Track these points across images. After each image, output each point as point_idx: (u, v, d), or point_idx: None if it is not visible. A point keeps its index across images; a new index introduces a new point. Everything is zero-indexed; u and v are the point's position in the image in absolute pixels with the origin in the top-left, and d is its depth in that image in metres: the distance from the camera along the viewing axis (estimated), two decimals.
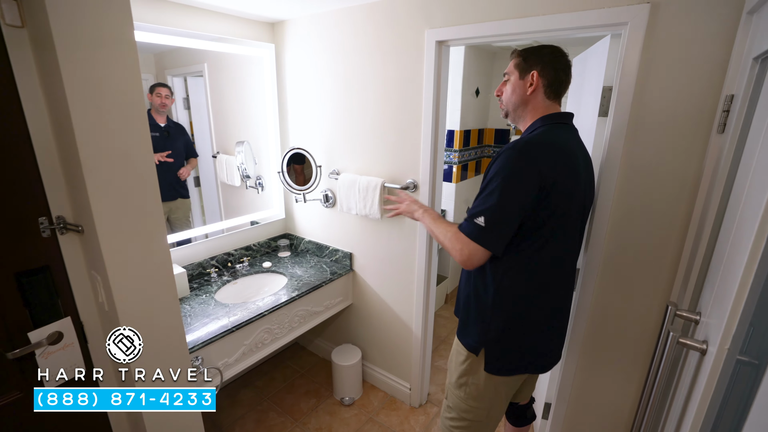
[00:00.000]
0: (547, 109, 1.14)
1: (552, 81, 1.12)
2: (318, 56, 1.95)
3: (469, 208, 1.11)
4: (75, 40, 0.88)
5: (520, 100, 1.16)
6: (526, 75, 1.13)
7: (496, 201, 0.99)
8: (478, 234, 1.02)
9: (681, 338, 0.75)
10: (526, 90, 1.14)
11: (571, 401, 1.61)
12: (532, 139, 1.05)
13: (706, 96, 1.09)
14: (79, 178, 0.96)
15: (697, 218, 1.14)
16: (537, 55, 1.12)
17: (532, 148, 1.02)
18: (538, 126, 1.12)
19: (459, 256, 1.06)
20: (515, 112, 1.18)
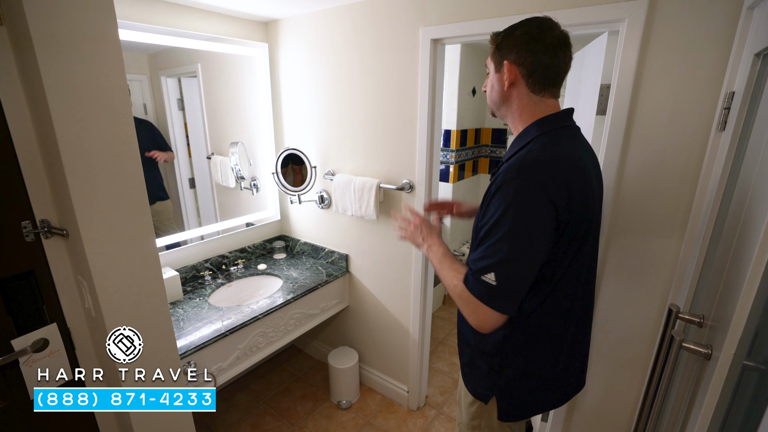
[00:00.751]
0: (536, 106, 0.90)
1: (533, 68, 0.86)
2: (312, 55, 1.92)
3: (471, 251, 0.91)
4: (54, 37, 0.85)
5: (499, 98, 0.93)
6: (501, 66, 0.90)
7: (507, 252, 0.79)
8: (490, 296, 0.81)
9: (684, 342, 0.73)
10: (504, 85, 0.90)
11: (570, 404, 1.59)
12: (536, 159, 0.82)
13: (705, 93, 1.07)
14: (62, 181, 0.93)
15: (697, 218, 1.12)
16: (508, 38, 0.88)
17: (539, 173, 0.80)
18: (533, 135, 0.88)
19: (471, 320, 0.86)
20: (499, 111, 0.97)
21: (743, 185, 0.80)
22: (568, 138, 0.89)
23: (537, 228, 0.80)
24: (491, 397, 1.01)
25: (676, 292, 1.20)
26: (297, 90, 2.05)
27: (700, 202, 1.10)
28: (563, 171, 0.82)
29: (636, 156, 1.23)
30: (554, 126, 0.89)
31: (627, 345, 1.39)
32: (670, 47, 1.11)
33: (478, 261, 0.83)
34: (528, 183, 0.79)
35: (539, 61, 0.86)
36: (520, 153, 0.87)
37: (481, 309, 0.82)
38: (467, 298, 0.84)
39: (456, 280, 0.88)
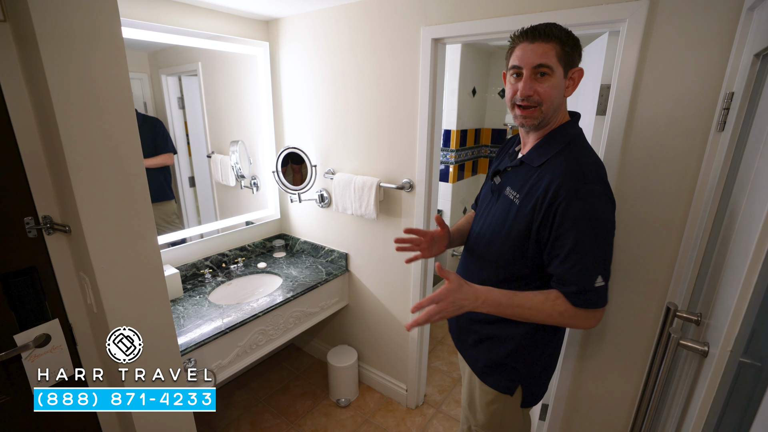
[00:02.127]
0: (564, 113, 0.96)
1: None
2: (312, 54, 1.93)
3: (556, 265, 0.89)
4: (58, 34, 0.86)
5: (558, 105, 0.91)
6: (570, 71, 0.88)
7: (604, 252, 0.86)
8: (602, 297, 0.87)
9: (682, 340, 0.74)
10: (564, 91, 0.91)
11: (568, 402, 1.59)
12: (596, 164, 0.89)
13: (705, 94, 1.08)
14: (64, 177, 0.93)
15: (696, 217, 1.13)
16: (576, 44, 0.88)
17: (603, 177, 0.87)
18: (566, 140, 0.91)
19: (591, 325, 0.90)
20: (548, 117, 0.92)
21: (741, 185, 0.81)
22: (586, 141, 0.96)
23: (613, 225, 0.88)
24: (517, 388, 1.04)
25: (674, 291, 1.21)
26: (298, 89, 2.05)
27: (699, 202, 1.10)
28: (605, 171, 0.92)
29: (635, 156, 1.24)
30: (578, 131, 0.95)
31: (625, 343, 1.39)
32: (670, 48, 1.11)
33: (583, 273, 0.85)
34: (597, 185, 0.85)
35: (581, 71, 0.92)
36: (566, 157, 0.89)
37: (598, 313, 0.89)
38: (584, 313, 0.88)
39: (556, 310, 0.88)
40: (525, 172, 0.96)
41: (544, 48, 0.86)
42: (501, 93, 3.16)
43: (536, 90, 0.88)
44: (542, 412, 1.77)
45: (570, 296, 0.87)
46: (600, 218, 0.84)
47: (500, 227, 0.98)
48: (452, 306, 0.90)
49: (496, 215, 1.01)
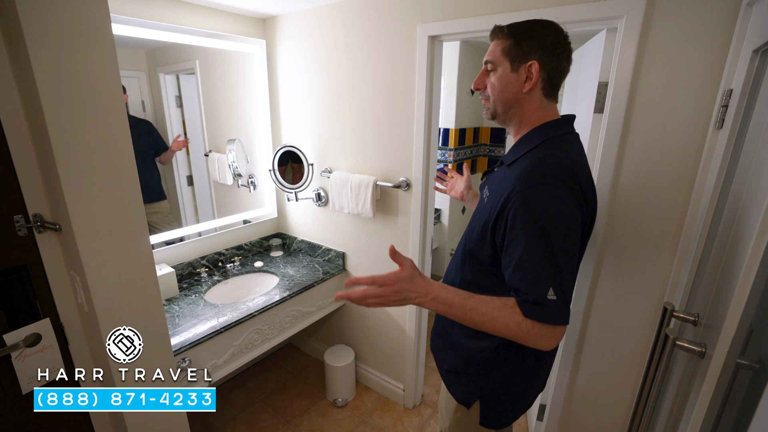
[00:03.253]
0: (545, 111, 0.88)
1: (553, 73, 0.85)
2: (309, 52, 1.91)
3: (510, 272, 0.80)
4: (46, 31, 0.85)
5: (512, 99, 0.87)
6: (522, 66, 0.84)
7: (552, 262, 0.75)
8: (555, 314, 0.75)
9: (678, 340, 0.72)
10: (521, 86, 0.85)
11: (566, 403, 1.58)
12: (560, 164, 0.79)
13: (704, 91, 1.07)
14: (54, 175, 0.92)
15: (694, 216, 1.12)
16: (535, 38, 0.83)
17: (566, 177, 0.78)
18: (540, 139, 0.85)
19: (547, 344, 0.78)
20: (507, 113, 0.90)
21: (739, 183, 0.80)
22: (574, 144, 0.88)
23: (575, 232, 0.78)
24: (474, 401, 0.98)
25: (672, 291, 1.20)
26: (294, 87, 2.04)
27: (698, 200, 1.09)
28: (580, 175, 0.80)
29: (633, 153, 1.22)
30: (561, 132, 0.87)
31: (623, 343, 1.38)
32: (668, 44, 1.10)
33: (534, 284, 0.75)
34: (558, 187, 0.76)
35: (560, 67, 0.86)
36: (532, 157, 0.83)
37: (551, 331, 0.76)
38: (535, 327, 0.76)
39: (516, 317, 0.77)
40: (500, 172, 0.93)
41: (494, 45, 0.89)
42: None
43: (485, 83, 0.91)
44: (540, 413, 1.76)
45: (522, 305, 0.77)
46: (553, 223, 0.75)
47: (474, 229, 0.92)
48: (395, 295, 0.84)
49: (473, 217, 0.98)
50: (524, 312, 0.76)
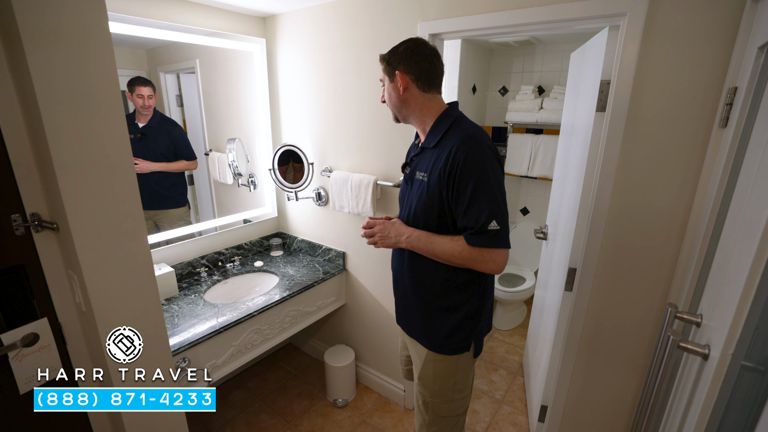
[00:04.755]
0: (432, 102, 1.13)
1: (419, 74, 1.10)
2: (309, 51, 1.90)
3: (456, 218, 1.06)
4: (43, 30, 0.84)
5: (399, 102, 1.15)
6: (394, 77, 1.12)
7: (498, 199, 1.00)
8: (500, 239, 1.00)
9: (681, 342, 0.71)
10: (399, 91, 1.12)
11: (568, 404, 1.57)
12: (478, 133, 1.05)
13: (708, 89, 1.05)
14: (51, 174, 0.91)
15: (697, 216, 1.10)
16: (394, 55, 1.12)
17: (486, 140, 1.05)
18: (449, 122, 1.10)
19: (491, 268, 1.04)
20: (401, 113, 1.17)
21: (744, 182, 0.79)
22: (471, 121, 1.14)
23: (502, 177, 1.05)
24: (471, 343, 1.18)
25: (676, 291, 1.18)
26: (294, 86, 2.03)
27: (701, 199, 1.08)
28: (490, 142, 1.07)
29: (636, 152, 1.21)
30: (458, 113, 1.14)
31: (625, 344, 1.37)
32: (671, 42, 1.09)
33: (479, 217, 0.99)
34: (485, 148, 1.02)
35: (421, 67, 1.10)
36: (454, 134, 1.06)
37: (497, 253, 1.01)
38: (479, 253, 1.02)
39: (458, 247, 1.04)
40: (427, 155, 1.13)
41: (382, 67, 1.17)
42: (501, 91, 3.13)
43: (383, 96, 1.20)
44: (541, 414, 1.74)
45: (467, 237, 1.02)
46: (490, 171, 1.00)
47: (419, 206, 1.12)
48: (382, 233, 1.20)
49: (413, 198, 1.15)
50: (468, 242, 1.02)
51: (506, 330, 2.88)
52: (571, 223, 1.50)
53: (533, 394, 1.98)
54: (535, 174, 2.90)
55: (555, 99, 2.67)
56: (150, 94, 1.75)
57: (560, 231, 1.75)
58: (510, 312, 2.89)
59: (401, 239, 1.16)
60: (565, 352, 1.51)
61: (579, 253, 1.43)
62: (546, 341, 1.80)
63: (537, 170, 2.88)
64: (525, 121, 2.80)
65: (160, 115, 1.82)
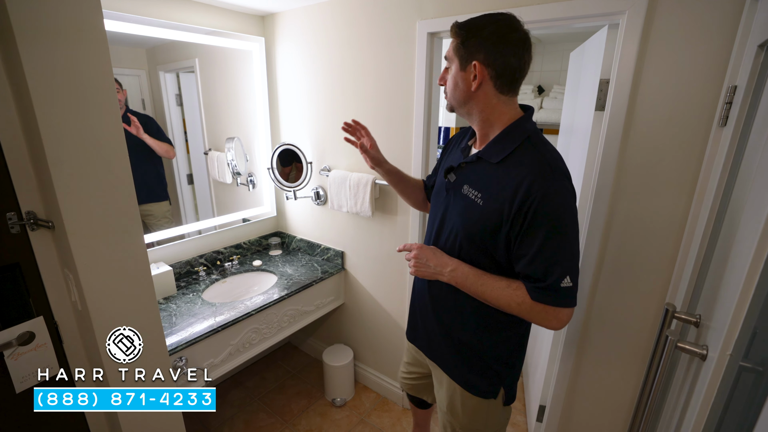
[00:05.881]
0: (506, 106, 0.92)
1: (502, 71, 0.86)
2: (308, 50, 1.90)
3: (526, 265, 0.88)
4: (36, 27, 0.83)
5: (464, 97, 0.91)
6: (468, 65, 0.87)
7: (574, 252, 0.85)
8: (571, 297, 0.85)
9: (680, 342, 0.71)
10: (469, 85, 0.89)
11: (566, 404, 1.56)
12: (559, 160, 0.88)
13: (707, 87, 1.05)
14: (46, 172, 0.91)
15: (696, 215, 1.10)
16: (476, 35, 0.86)
17: (567, 173, 0.86)
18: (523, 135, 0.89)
19: (552, 325, 0.89)
20: (463, 108, 0.95)
21: (743, 181, 0.78)
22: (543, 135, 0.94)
23: (578, 222, 0.87)
24: (500, 391, 1.05)
25: (674, 291, 1.18)
26: (293, 85, 2.03)
27: (700, 199, 1.07)
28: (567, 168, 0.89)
29: (635, 152, 1.20)
30: (534, 126, 0.93)
31: (624, 344, 1.36)
32: (671, 40, 1.08)
33: (550, 271, 0.83)
34: (567, 184, 0.84)
35: (508, 64, 0.86)
36: (529, 154, 0.87)
37: (564, 312, 0.86)
38: (543, 309, 0.86)
39: (518, 298, 0.88)
40: (484, 169, 0.93)
41: (452, 41, 0.92)
42: None
43: (445, 78, 0.96)
44: (539, 414, 1.74)
45: (532, 290, 0.86)
46: (569, 217, 0.84)
47: (461, 227, 0.95)
48: (419, 258, 1.02)
49: (455, 217, 0.98)
50: (532, 296, 0.86)
51: None
52: None
53: (531, 394, 1.98)
54: None
55: (554, 99, 2.67)
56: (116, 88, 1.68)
57: None
58: None
59: (444, 271, 0.97)
60: (563, 352, 1.51)
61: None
62: (544, 341, 1.79)
63: None
64: None
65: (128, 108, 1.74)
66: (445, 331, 1.07)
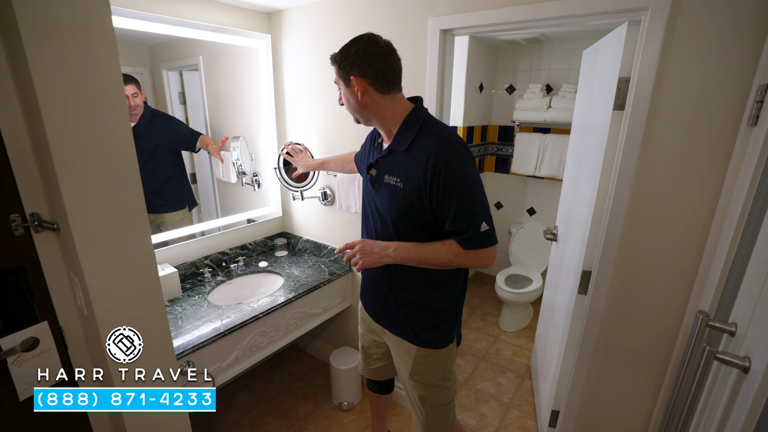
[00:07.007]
0: (394, 103, 1.09)
1: (375, 76, 1.04)
2: (316, 47, 1.86)
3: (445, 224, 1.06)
4: (43, 24, 0.80)
5: (359, 107, 1.09)
6: (349, 81, 1.06)
7: (483, 202, 1.03)
8: (490, 238, 1.04)
9: (719, 353, 0.67)
10: (357, 97, 1.07)
11: (580, 410, 1.53)
12: (453, 134, 1.06)
13: (735, 86, 1.01)
14: (51, 172, 0.87)
15: (722, 217, 1.06)
16: (346, 58, 1.04)
17: (462, 143, 1.05)
18: (419, 123, 1.07)
19: (486, 264, 1.07)
20: (362, 117, 1.13)
21: None
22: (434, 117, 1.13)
23: (479, 174, 1.04)
24: (453, 337, 1.23)
25: (698, 295, 1.14)
26: (300, 83, 1.99)
27: (727, 201, 1.04)
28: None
29: (657, 151, 1.17)
30: (425, 113, 1.12)
31: (642, 349, 1.33)
32: (696, 37, 1.05)
33: (470, 222, 1.01)
34: (462, 149, 1.02)
35: (378, 69, 1.04)
36: (427, 137, 1.04)
37: (491, 250, 1.05)
38: (475, 254, 1.05)
39: (453, 252, 1.05)
40: (397, 158, 1.10)
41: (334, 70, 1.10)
42: (508, 89, 3.08)
43: (340, 98, 1.15)
44: (552, 419, 1.71)
45: (461, 242, 1.04)
46: (471, 174, 1.01)
47: (390, 209, 1.11)
48: (364, 249, 1.14)
49: (383, 201, 1.14)
50: (463, 246, 1.04)
51: (513, 332, 2.85)
52: (586, 224, 1.46)
53: (542, 398, 1.94)
54: (542, 174, 2.85)
55: (564, 98, 2.63)
56: (135, 92, 1.65)
57: (573, 232, 1.71)
58: (517, 313, 2.85)
59: (387, 252, 1.13)
60: (579, 356, 1.47)
61: (594, 255, 1.39)
62: (556, 345, 1.76)
63: (545, 170, 2.83)
64: (533, 120, 2.76)
65: (151, 110, 1.74)
66: (403, 303, 1.21)
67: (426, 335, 1.20)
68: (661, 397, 1.30)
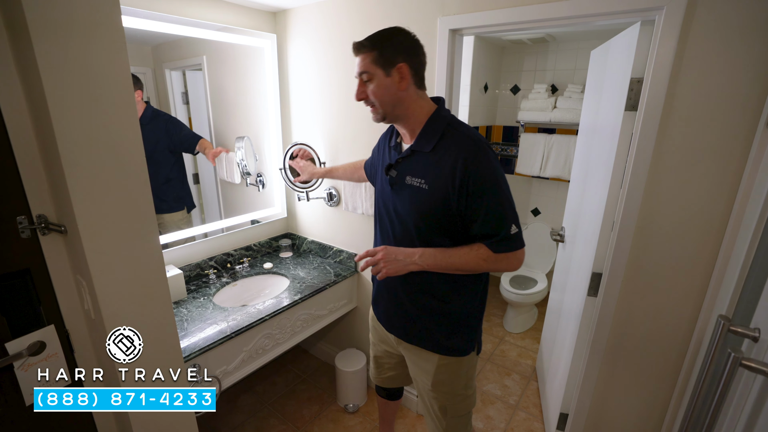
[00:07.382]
0: (424, 100, 1.07)
1: (417, 68, 1.03)
2: (322, 47, 1.85)
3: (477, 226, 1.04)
4: (52, 23, 0.78)
5: (395, 99, 1.03)
6: (392, 69, 0.99)
7: (511, 204, 1.01)
8: (519, 240, 1.02)
9: (744, 360, 0.66)
10: (398, 87, 1.01)
11: (590, 414, 1.52)
12: (478, 135, 1.04)
13: (753, 86, 1.00)
14: (59, 173, 0.86)
15: (738, 220, 1.05)
16: (395, 44, 1.00)
17: (488, 144, 1.03)
18: (444, 123, 1.05)
19: (514, 267, 1.05)
20: (393, 112, 1.06)
21: None
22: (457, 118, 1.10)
23: (506, 180, 1.02)
24: (475, 344, 1.20)
25: (712, 298, 1.13)
26: (306, 83, 1.98)
27: (743, 203, 1.02)
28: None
29: (671, 153, 1.15)
30: (449, 112, 1.09)
31: (655, 352, 1.31)
32: (712, 36, 1.03)
33: (500, 225, 0.99)
34: (490, 152, 1.00)
35: (421, 62, 1.04)
36: (453, 138, 1.02)
37: (520, 253, 1.03)
38: (505, 257, 1.02)
39: (482, 256, 1.02)
40: (420, 159, 1.06)
41: (362, 59, 1.02)
42: (513, 90, 3.07)
43: (366, 93, 1.05)
44: (561, 421, 1.69)
45: (491, 245, 1.01)
46: (500, 177, 0.99)
47: (413, 212, 1.07)
48: (387, 257, 1.09)
49: (405, 203, 1.09)
50: (493, 250, 1.01)
51: (518, 333, 2.83)
52: (596, 226, 1.44)
53: (550, 401, 1.93)
54: (547, 174, 2.84)
55: (569, 98, 2.61)
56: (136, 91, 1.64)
57: (581, 234, 1.69)
58: (521, 315, 2.83)
59: (413, 259, 1.07)
60: (589, 359, 1.46)
61: (604, 257, 1.37)
62: (564, 347, 1.74)
63: (550, 171, 2.82)
64: (538, 120, 2.74)
65: (153, 110, 1.72)
66: (423, 310, 1.16)
67: (448, 342, 1.16)
68: (674, 403, 1.28)
